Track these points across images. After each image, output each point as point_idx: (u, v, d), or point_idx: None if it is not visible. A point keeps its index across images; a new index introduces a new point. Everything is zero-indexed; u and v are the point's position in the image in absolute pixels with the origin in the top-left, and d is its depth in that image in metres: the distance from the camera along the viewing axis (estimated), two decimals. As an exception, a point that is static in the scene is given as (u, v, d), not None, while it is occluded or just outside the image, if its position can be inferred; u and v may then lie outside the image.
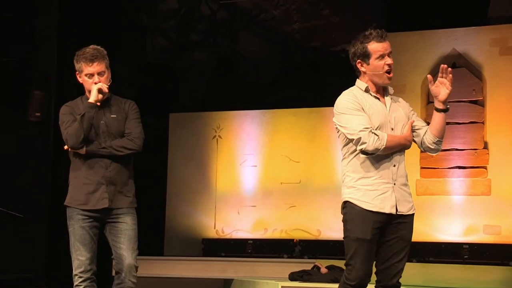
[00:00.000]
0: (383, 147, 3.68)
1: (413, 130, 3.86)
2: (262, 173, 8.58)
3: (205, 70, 9.20)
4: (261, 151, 8.62)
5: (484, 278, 6.68)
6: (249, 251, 8.27)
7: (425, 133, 3.85)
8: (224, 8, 9.04)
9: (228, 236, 8.57)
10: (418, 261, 7.31)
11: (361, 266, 3.67)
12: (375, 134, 3.69)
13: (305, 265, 6.98)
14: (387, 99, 3.87)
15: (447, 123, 7.71)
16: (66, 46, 7.84)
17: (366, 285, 3.74)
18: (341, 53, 8.29)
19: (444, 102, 3.80)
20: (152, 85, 9.15)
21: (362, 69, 3.85)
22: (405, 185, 3.80)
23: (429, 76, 3.81)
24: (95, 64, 4.35)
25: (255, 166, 8.61)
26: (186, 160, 8.82)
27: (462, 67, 7.77)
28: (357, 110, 3.76)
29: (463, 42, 7.78)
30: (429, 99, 7.86)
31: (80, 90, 4.68)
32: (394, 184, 3.74)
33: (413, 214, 3.81)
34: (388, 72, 3.80)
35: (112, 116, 4.42)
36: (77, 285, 4.30)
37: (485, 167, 7.59)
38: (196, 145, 8.83)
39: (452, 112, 7.70)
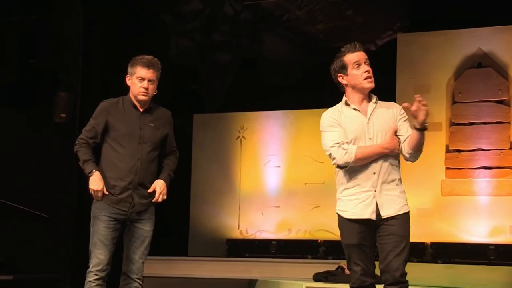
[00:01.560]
0: (352, 159, 3.85)
1: (398, 136, 3.93)
2: (285, 174, 8.57)
3: (229, 70, 9.21)
4: (284, 152, 8.62)
5: (511, 279, 6.62)
6: (273, 251, 8.27)
7: (404, 141, 3.93)
8: (248, 9, 9.04)
9: (252, 237, 8.57)
10: (443, 262, 7.27)
11: (357, 269, 3.87)
12: (343, 148, 3.87)
13: (330, 265, 6.97)
14: (370, 108, 3.95)
15: (473, 123, 7.76)
16: (92, 48, 7.91)
17: (370, 286, 3.87)
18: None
19: (422, 123, 3.81)
20: (176, 86, 9.18)
21: (344, 81, 4.01)
22: (391, 189, 3.88)
23: (404, 104, 3.88)
24: (150, 70, 4.58)
25: (279, 166, 8.61)
26: (210, 161, 8.84)
27: (487, 66, 7.70)
28: (332, 126, 3.97)
29: (488, 41, 7.71)
30: (454, 99, 7.81)
31: (105, 90, 4.74)
32: (375, 191, 3.86)
33: (404, 213, 3.86)
34: (368, 77, 3.93)
35: (150, 124, 4.60)
36: (90, 281, 4.45)
37: (511, 168, 7.53)
38: (220, 146, 8.85)
39: (478, 112, 7.71)
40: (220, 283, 7.59)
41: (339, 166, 3.92)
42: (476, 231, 7.52)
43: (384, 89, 4.03)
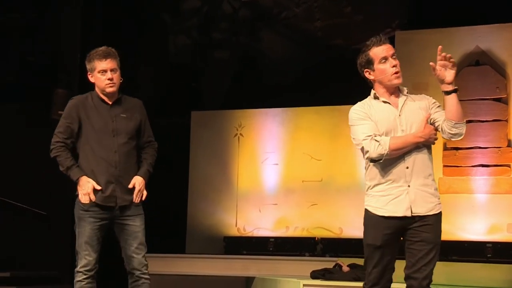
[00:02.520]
0: (386, 151, 3.69)
1: (435, 125, 3.79)
2: (283, 171, 8.58)
3: (227, 68, 9.21)
4: (282, 149, 8.62)
5: (508, 277, 6.63)
6: (271, 249, 8.27)
7: (443, 122, 3.78)
8: (246, 7, 9.04)
9: (249, 234, 8.58)
10: (440, 260, 7.19)
11: (373, 271, 3.76)
12: (376, 140, 3.71)
13: (327, 263, 6.97)
14: (401, 100, 3.83)
15: (470, 121, 7.77)
16: (90, 46, 7.88)
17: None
18: (363, 51, 8.25)
19: (452, 83, 3.71)
20: (174, 83, 9.19)
21: (371, 77, 3.88)
22: (426, 185, 3.74)
23: (431, 63, 3.73)
24: (108, 60, 4.52)
25: (277, 164, 8.61)
26: (208, 158, 8.84)
27: (485, 64, 7.71)
28: (362, 119, 3.81)
29: (486, 39, 7.72)
30: (452, 97, 7.81)
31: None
32: (409, 186, 3.72)
33: (436, 214, 3.76)
34: (396, 73, 3.82)
35: (122, 115, 4.55)
36: (79, 281, 4.46)
37: (508, 165, 7.54)
38: (218, 143, 8.85)
39: (476, 110, 7.71)
40: (217, 280, 7.59)
41: (372, 160, 3.74)
42: (474, 229, 7.53)
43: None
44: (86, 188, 4.42)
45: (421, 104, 3.83)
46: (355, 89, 4.28)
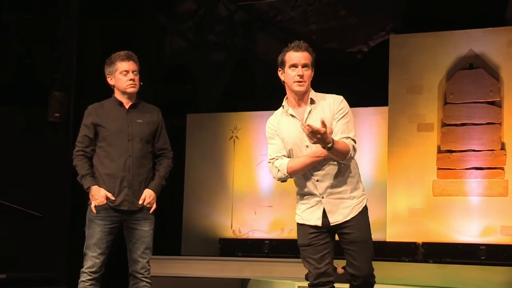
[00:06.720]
0: (285, 175, 3.76)
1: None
2: (278, 174, 8.59)
3: (223, 71, 9.24)
4: (278, 152, 8.64)
5: (501, 279, 6.67)
6: (266, 251, 8.30)
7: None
8: (242, 10, 9.07)
9: (245, 236, 8.61)
10: (435, 262, 7.31)
11: (309, 268, 3.92)
12: (275, 166, 3.76)
13: (322, 265, 6.99)
14: (307, 110, 3.79)
15: (464, 124, 7.79)
16: (86, 48, 7.92)
17: (322, 284, 3.93)
18: (357, 54, 8.29)
19: (323, 146, 3.59)
20: (170, 86, 9.21)
21: (282, 77, 4.03)
22: (339, 193, 3.74)
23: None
24: (131, 62, 4.58)
25: (272, 166, 8.63)
26: (203, 161, 8.87)
27: (479, 68, 7.75)
28: (271, 138, 3.86)
29: (480, 43, 7.76)
30: (446, 100, 7.86)
31: (99, 90, 4.77)
32: (322, 197, 3.76)
33: (356, 215, 3.76)
34: (298, 81, 3.91)
35: (138, 121, 4.61)
36: (83, 281, 4.50)
37: (502, 168, 7.57)
38: (213, 146, 8.88)
39: (470, 113, 7.76)
40: (213, 282, 7.61)
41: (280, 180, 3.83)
42: (467, 231, 7.57)
43: (377, 89, 4.04)
44: (98, 201, 4.47)
45: (326, 114, 3.73)
46: (349, 91, 4.32)
